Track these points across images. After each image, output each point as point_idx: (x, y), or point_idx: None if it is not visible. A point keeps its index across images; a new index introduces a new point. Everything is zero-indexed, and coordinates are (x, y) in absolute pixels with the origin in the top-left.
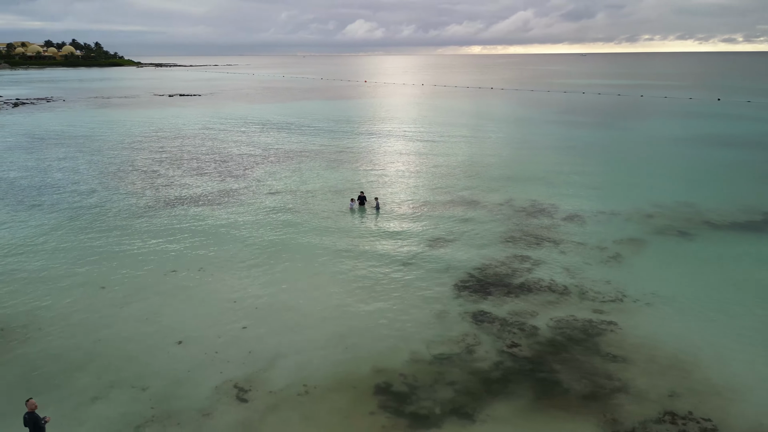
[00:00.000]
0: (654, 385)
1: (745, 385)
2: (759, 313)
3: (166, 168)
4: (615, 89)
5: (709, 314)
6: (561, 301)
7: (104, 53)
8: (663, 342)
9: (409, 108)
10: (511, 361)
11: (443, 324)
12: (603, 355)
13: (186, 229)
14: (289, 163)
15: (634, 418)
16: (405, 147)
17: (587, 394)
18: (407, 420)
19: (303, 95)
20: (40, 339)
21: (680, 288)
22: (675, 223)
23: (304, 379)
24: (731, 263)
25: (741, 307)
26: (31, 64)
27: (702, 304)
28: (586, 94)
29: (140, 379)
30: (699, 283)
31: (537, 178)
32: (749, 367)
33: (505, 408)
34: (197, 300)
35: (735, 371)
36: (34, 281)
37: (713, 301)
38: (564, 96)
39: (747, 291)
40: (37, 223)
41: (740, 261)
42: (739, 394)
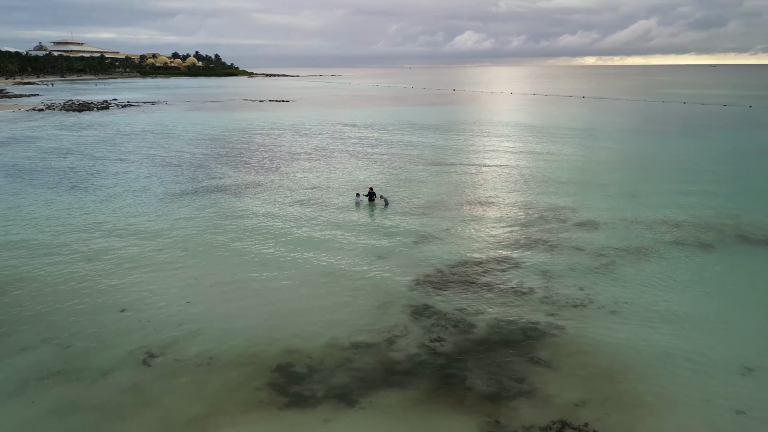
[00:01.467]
0: (566, 392)
1: (668, 403)
2: (727, 335)
3: (213, 161)
4: (723, 99)
5: (674, 328)
6: (517, 302)
7: (222, 64)
8: (603, 351)
9: (477, 114)
10: (426, 354)
11: (379, 315)
12: (528, 358)
13: (196, 215)
14: (327, 161)
15: (520, 422)
16: (444, 150)
17: (487, 394)
18: (287, 398)
19: (381, 102)
20: (14, 296)
21: (658, 299)
22: (702, 235)
23: (213, 351)
24: (736, 280)
25: (715, 324)
26: (159, 73)
27: (673, 317)
28: (687, 104)
29: (71, 337)
30: (684, 297)
31: (573, 184)
32: (683, 386)
33: (393, 397)
34: (162, 275)
35: (666, 387)
36: (30, 248)
37: (687, 315)
38: (660, 106)
39: (734, 309)
40: (71, 201)
41: (748, 278)
42: (656, 409)
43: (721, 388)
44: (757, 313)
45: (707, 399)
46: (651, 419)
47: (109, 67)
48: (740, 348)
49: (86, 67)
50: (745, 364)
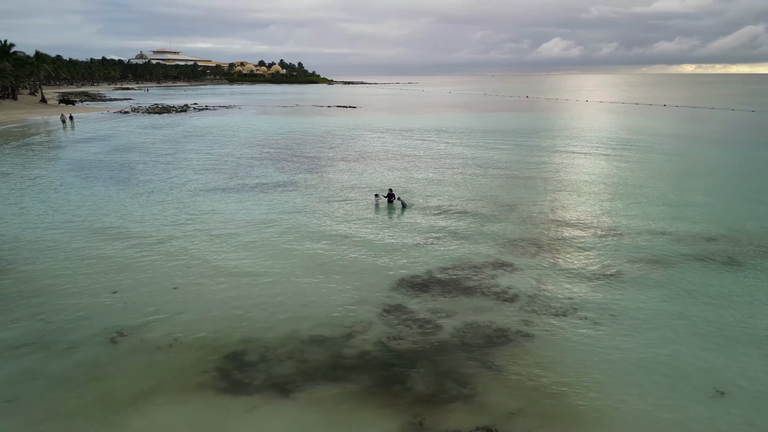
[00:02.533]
0: (506, 401)
1: (609, 422)
2: (709, 359)
3: (256, 161)
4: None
5: (651, 346)
6: (495, 307)
7: (304, 72)
8: (561, 363)
9: (537, 121)
10: (379, 352)
11: (349, 311)
12: (481, 364)
13: (216, 208)
14: (365, 163)
15: (444, 426)
16: (484, 155)
17: (423, 396)
18: (226, 383)
19: (444, 108)
20: (25, 268)
21: (649, 315)
22: (736, 250)
23: (178, 335)
24: (745, 301)
25: (698, 348)
26: (245, 80)
27: (657, 337)
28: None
29: (57, 314)
30: (678, 317)
31: (612, 193)
32: (634, 408)
33: (328, 391)
34: (162, 262)
35: (615, 407)
36: (53, 230)
37: (673, 336)
38: (747, 115)
39: (730, 331)
40: (111, 192)
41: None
42: (593, 428)
43: (676, 415)
44: (744, 337)
45: (654, 423)
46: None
47: (200, 75)
48: (715, 373)
49: (180, 74)
50: (719, 388)
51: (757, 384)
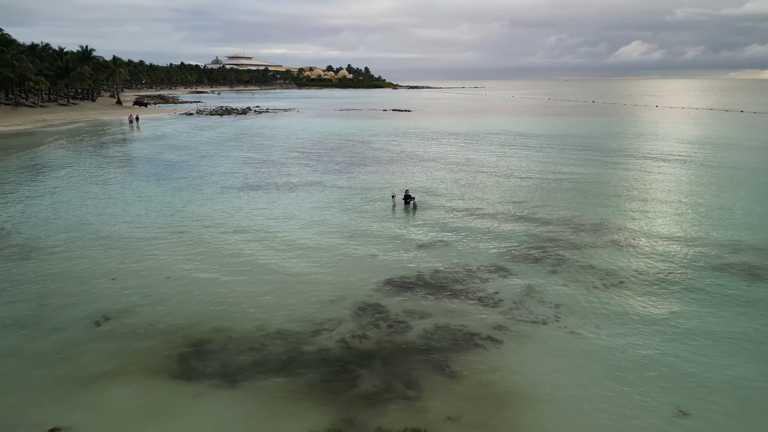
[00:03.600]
0: (447, 406)
1: None
2: (671, 382)
3: (294, 161)
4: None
5: (621, 366)
6: (474, 311)
7: (370, 76)
8: (522, 372)
9: (595, 126)
10: (339, 348)
11: (325, 307)
12: (437, 367)
13: (235, 204)
14: (399, 164)
15: (374, 424)
16: (523, 159)
17: (367, 394)
18: (180, 369)
19: (501, 112)
20: (44, 253)
21: (632, 328)
22: (765, 263)
23: (156, 322)
24: (746, 321)
25: (672, 369)
26: (313, 84)
27: (632, 352)
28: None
29: (54, 297)
30: (665, 332)
31: (642, 200)
32: (582, 425)
33: (275, 384)
34: (164, 252)
35: (558, 422)
36: (73, 218)
37: (646, 355)
38: None
39: (699, 353)
40: (145, 187)
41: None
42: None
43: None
44: (727, 358)
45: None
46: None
47: (270, 79)
48: (679, 394)
49: (252, 79)
50: (682, 408)
51: (720, 406)
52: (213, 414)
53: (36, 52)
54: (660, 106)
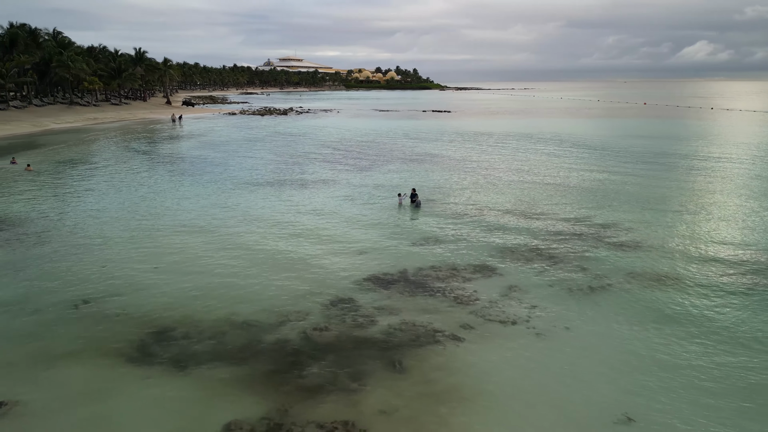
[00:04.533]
0: (385, 400)
1: None
2: (635, 389)
3: (316, 160)
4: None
5: (577, 371)
6: (446, 309)
7: (418, 78)
8: (470, 372)
9: (637, 128)
10: (297, 340)
11: (297, 299)
12: (389, 363)
13: (245, 199)
14: (420, 164)
15: (306, 416)
16: (550, 161)
17: (309, 386)
18: (137, 354)
19: (542, 114)
20: (50, 237)
21: (604, 336)
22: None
23: (130, 308)
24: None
25: (630, 373)
26: (361, 86)
27: (595, 355)
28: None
29: (47, 279)
30: (632, 338)
31: (655, 205)
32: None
33: (224, 372)
34: (163, 243)
35: (488, 423)
36: (94, 206)
37: (607, 359)
38: None
39: (663, 361)
40: (168, 182)
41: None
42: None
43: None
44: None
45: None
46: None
47: (319, 81)
48: (629, 402)
49: (301, 81)
50: (629, 415)
51: (665, 415)
52: (154, 397)
53: (93, 54)
54: (715, 109)
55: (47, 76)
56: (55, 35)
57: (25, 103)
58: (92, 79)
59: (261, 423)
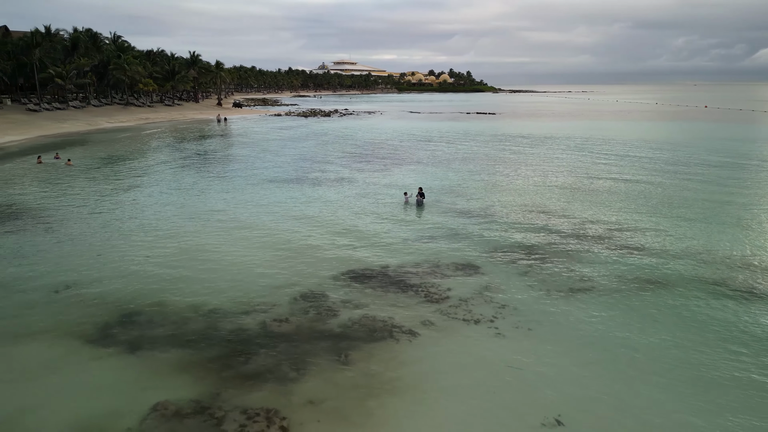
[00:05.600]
0: (318, 390)
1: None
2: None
3: (341, 160)
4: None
5: (526, 371)
6: (413, 305)
7: (471, 80)
8: (415, 368)
9: (684, 131)
10: (255, 329)
11: (272, 292)
12: (336, 353)
13: (258, 195)
14: (445, 165)
15: (235, 401)
16: (579, 163)
17: (249, 373)
18: (98, 335)
19: (591, 116)
20: (60, 225)
21: (568, 337)
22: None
23: (107, 293)
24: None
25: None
26: (413, 89)
27: (544, 355)
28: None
29: (42, 264)
30: (598, 341)
31: (666, 209)
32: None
33: (171, 354)
34: (162, 234)
35: (415, 418)
36: (110, 198)
37: (567, 360)
38: None
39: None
40: (190, 179)
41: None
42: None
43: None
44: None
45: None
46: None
47: (372, 84)
48: (565, 405)
49: (354, 84)
50: (560, 419)
51: (597, 419)
52: (96, 376)
53: (151, 58)
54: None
55: (105, 78)
56: (114, 39)
57: (84, 103)
58: (147, 81)
59: (188, 404)
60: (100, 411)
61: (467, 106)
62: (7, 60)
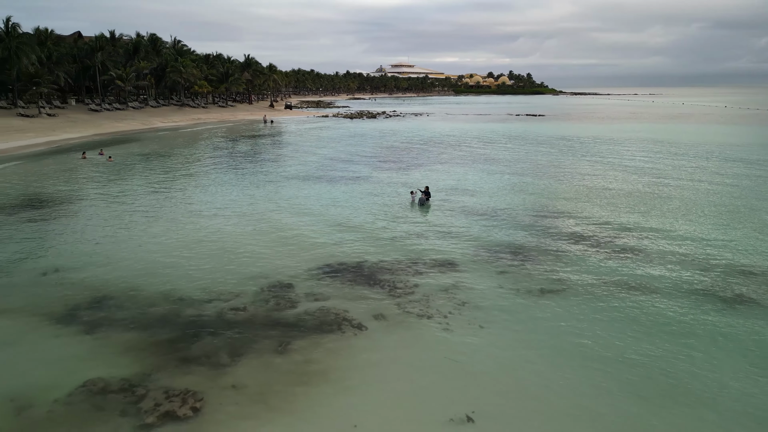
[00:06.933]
0: (242, 377)
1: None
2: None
3: (365, 159)
4: None
5: (456, 369)
6: (375, 300)
7: (531, 82)
8: (351, 360)
9: (741, 135)
10: (211, 316)
11: (241, 282)
12: (279, 343)
13: (269, 191)
14: (463, 165)
15: (161, 382)
16: (600, 165)
17: (189, 357)
18: (64, 314)
19: (645, 119)
20: (74, 215)
21: (514, 336)
22: (755, 290)
23: (89, 277)
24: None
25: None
26: (471, 91)
27: (487, 351)
28: None
29: (41, 249)
30: (553, 341)
31: (690, 211)
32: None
33: (126, 336)
34: (162, 227)
35: (334, 407)
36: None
37: (508, 358)
38: None
39: None
40: (221, 176)
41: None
42: (272, 419)
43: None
44: None
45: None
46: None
47: (429, 87)
48: (482, 401)
49: (411, 86)
50: (472, 416)
51: (510, 418)
52: (46, 352)
53: (209, 61)
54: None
55: (163, 80)
56: (174, 43)
57: (143, 104)
58: (202, 83)
59: (117, 382)
60: (36, 383)
61: (519, 108)
62: (72, 63)
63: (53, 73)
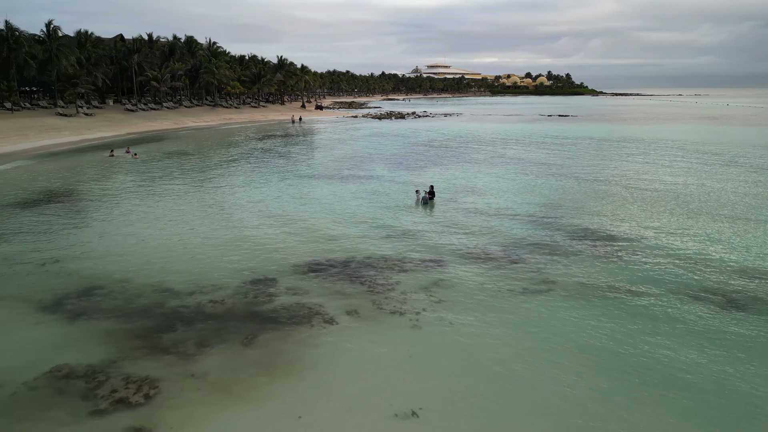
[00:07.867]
0: (200, 366)
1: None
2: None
3: (382, 159)
4: None
5: (413, 368)
6: (353, 296)
7: (570, 83)
8: (315, 353)
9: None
10: (192, 307)
11: (228, 276)
12: (248, 335)
13: (279, 187)
14: (477, 165)
15: (127, 368)
16: (617, 166)
17: (159, 345)
18: (55, 302)
19: (682, 120)
20: (86, 210)
21: (485, 336)
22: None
23: (86, 269)
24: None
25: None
26: (508, 92)
27: (455, 348)
28: None
29: (47, 241)
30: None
31: (698, 213)
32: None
33: (105, 325)
34: (162, 224)
35: (296, 398)
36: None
37: (466, 359)
38: None
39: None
40: (233, 172)
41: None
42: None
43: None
44: None
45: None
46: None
47: (464, 87)
48: (425, 402)
49: (446, 87)
50: (418, 411)
51: (453, 415)
52: (26, 337)
53: (243, 63)
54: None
55: (197, 81)
56: (209, 45)
57: (177, 104)
58: (234, 83)
59: (82, 368)
60: (8, 366)
61: (552, 109)
62: (110, 64)
63: (91, 74)
